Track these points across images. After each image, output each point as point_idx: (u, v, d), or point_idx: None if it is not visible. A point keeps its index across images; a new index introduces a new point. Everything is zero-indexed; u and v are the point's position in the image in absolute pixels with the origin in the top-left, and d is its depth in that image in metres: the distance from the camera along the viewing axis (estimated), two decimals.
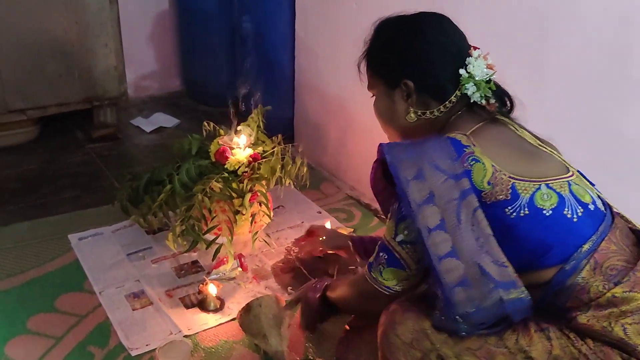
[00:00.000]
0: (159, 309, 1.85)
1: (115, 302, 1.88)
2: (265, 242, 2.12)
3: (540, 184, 1.17)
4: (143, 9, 3.52)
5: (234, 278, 1.99)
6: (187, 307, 1.87)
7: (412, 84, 1.29)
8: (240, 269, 2.02)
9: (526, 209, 1.14)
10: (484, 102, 1.28)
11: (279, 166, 2.02)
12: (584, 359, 1.09)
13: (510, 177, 1.15)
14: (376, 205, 2.52)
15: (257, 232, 1.98)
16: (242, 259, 2.04)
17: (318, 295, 1.59)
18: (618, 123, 1.64)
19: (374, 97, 1.42)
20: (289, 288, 1.97)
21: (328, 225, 2.18)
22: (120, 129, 3.18)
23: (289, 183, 2.10)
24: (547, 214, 1.15)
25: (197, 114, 3.48)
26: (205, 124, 2.21)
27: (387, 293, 1.25)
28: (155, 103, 3.61)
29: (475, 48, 1.32)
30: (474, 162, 1.16)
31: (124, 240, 2.20)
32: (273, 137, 2.20)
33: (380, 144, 1.22)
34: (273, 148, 2.11)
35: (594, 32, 1.63)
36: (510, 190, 1.14)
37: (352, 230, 2.31)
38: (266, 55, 2.95)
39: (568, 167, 1.26)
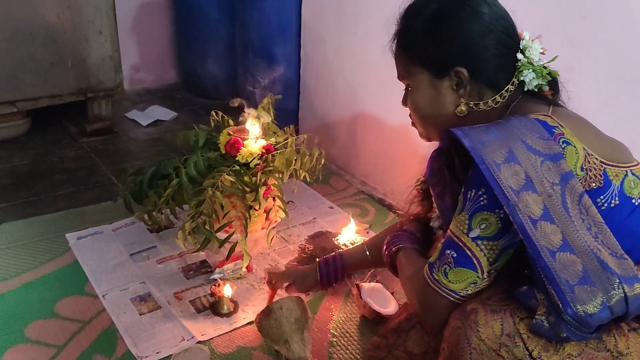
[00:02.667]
0: (168, 313, 1.72)
1: (120, 306, 1.74)
2: (283, 237, 1.99)
3: (627, 170, 1.06)
4: None
5: (238, 278, 1.87)
6: (199, 310, 1.74)
7: (466, 72, 1.15)
8: (245, 269, 1.89)
9: (617, 199, 1.03)
10: (536, 90, 1.16)
11: (294, 158, 1.89)
12: None
13: (601, 161, 1.04)
14: (390, 200, 2.41)
15: (273, 228, 1.85)
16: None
17: (387, 252, 1.42)
18: None
19: (410, 88, 1.25)
20: None
21: (352, 223, 2.06)
22: (116, 122, 3.03)
23: (304, 176, 1.97)
24: (636, 203, 1.04)
25: (195, 106, 3.35)
26: (214, 113, 2.07)
27: (451, 299, 1.10)
28: (151, 96, 3.46)
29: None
30: (565, 145, 1.03)
31: (125, 239, 2.06)
32: (285, 128, 2.07)
33: (449, 130, 1.07)
34: (285, 139, 1.98)
35: (637, 10, 1.51)
36: (602, 177, 1.03)
37: (367, 226, 2.19)
38: (269, 43, 2.82)
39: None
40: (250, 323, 1.69)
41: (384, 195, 2.46)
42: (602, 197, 1.03)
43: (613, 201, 1.04)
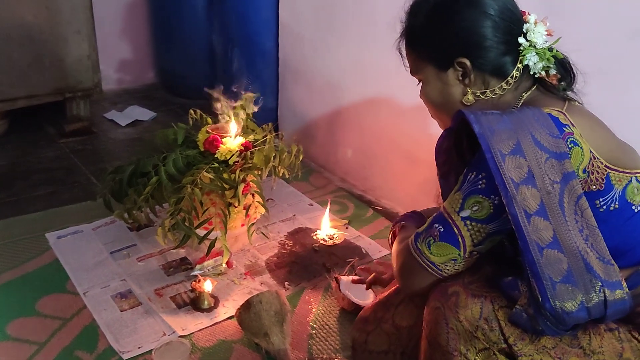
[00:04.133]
0: (149, 309, 1.73)
1: (101, 303, 1.75)
2: (263, 234, 2.01)
3: (632, 176, 1.07)
4: None
5: (219, 274, 1.88)
6: (179, 306, 1.76)
7: (469, 61, 1.16)
8: (225, 265, 1.91)
9: (617, 203, 1.05)
10: (543, 73, 1.16)
11: (273, 155, 1.91)
12: None
13: (606, 165, 1.05)
14: (369, 196, 2.45)
15: (252, 224, 1.87)
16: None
17: (392, 232, 1.42)
18: (638, 101, 1.57)
19: (421, 83, 1.27)
20: (286, 283, 1.87)
21: (327, 212, 2.08)
22: (94, 122, 3.03)
23: (283, 173, 1.99)
24: (636, 210, 1.06)
25: (174, 106, 3.36)
26: (192, 111, 2.08)
27: (429, 270, 1.11)
28: (130, 96, 3.47)
29: (524, 13, 1.19)
30: (572, 145, 1.03)
31: (105, 237, 2.07)
32: (263, 126, 2.10)
33: (462, 112, 1.08)
34: (264, 137, 2.01)
35: (610, 7, 1.56)
36: (604, 181, 1.04)
37: (346, 222, 2.22)
38: (247, 42, 2.84)
39: None
40: (230, 317, 1.71)
41: (363, 192, 2.49)
42: (601, 200, 1.05)
43: (613, 205, 1.05)
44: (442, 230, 1.09)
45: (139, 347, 1.58)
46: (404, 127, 2.24)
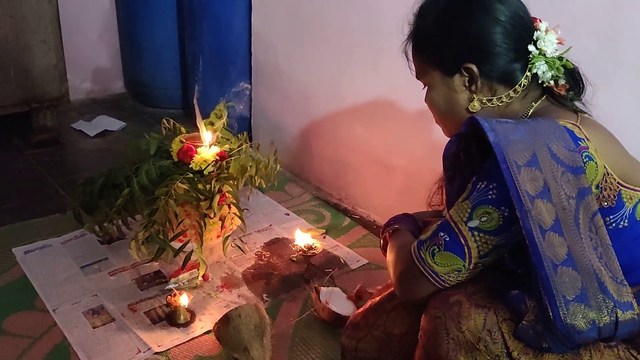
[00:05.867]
0: (123, 326, 1.67)
1: (72, 320, 1.69)
2: (238, 247, 1.97)
3: None
4: (82, 4, 3.29)
5: (194, 287, 1.84)
6: (154, 321, 1.70)
7: (476, 67, 1.12)
8: (201, 278, 1.86)
9: (626, 221, 1.03)
10: (552, 83, 1.13)
11: (250, 165, 1.87)
12: None
13: (619, 182, 1.03)
14: (345, 204, 2.43)
15: (228, 236, 1.83)
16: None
17: (382, 235, 1.39)
18: (608, 107, 1.57)
19: (426, 87, 1.23)
20: (264, 295, 1.83)
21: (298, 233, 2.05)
22: (62, 133, 2.95)
23: (259, 182, 1.95)
24: None
25: (144, 116, 3.29)
26: (165, 121, 2.04)
27: (432, 280, 1.08)
28: (98, 106, 3.39)
29: (535, 19, 1.16)
30: (587, 159, 1.00)
31: (76, 251, 2.00)
32: (238, 135, 2.06)
33: (475, 118, 1.04)
34: (239, 146, 1.97)
35: (582, 15, 1.57)
36: (615, 198, 1.02)
37: (324, 231, 2.19)
38: (219, 51, 2.80)
39: None
40: (208, 332, 1.66)
41: (339, 201, 2.47)
42: (611, 217, 1.03)
43: (622, 223, 1.04)
44: (447, 239, 1.05)
45: None
46: (379, 135, 2.23)
